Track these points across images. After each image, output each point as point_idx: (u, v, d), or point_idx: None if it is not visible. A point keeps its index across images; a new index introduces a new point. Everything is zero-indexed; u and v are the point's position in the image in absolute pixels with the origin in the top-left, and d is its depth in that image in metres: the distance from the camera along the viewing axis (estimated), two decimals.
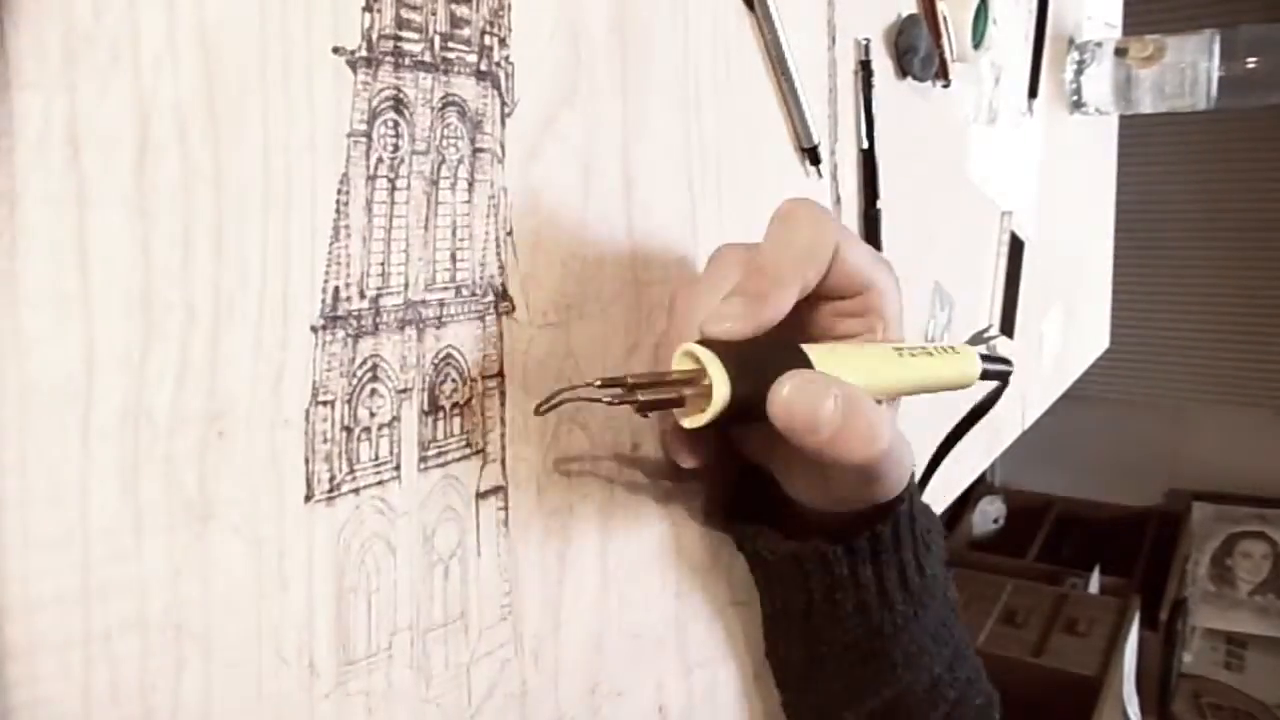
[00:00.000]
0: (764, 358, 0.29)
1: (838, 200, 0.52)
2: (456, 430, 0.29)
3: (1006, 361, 0.38)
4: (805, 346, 0.30)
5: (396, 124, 0.26)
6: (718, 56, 0.41)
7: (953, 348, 0.35)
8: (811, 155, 0.48)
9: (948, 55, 0.61)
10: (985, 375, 0.36)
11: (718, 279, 0.31)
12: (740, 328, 0.29)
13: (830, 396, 0.27)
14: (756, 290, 0.29)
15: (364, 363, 0.26)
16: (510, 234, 0.31)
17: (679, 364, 0.30)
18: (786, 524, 0.37)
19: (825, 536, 0.35)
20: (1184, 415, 2.71)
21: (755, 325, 0.29)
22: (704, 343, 0.29)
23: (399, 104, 0.26)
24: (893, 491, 0.32)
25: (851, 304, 0.33)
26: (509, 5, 0.30)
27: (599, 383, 0.28)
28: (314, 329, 0.24)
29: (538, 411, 0.29)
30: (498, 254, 0.30)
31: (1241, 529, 2.57)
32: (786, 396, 0.27)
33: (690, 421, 0.29)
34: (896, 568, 0.35)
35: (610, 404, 0.28)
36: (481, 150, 0.29)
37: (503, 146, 0.30)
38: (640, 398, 0.28)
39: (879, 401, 0.31)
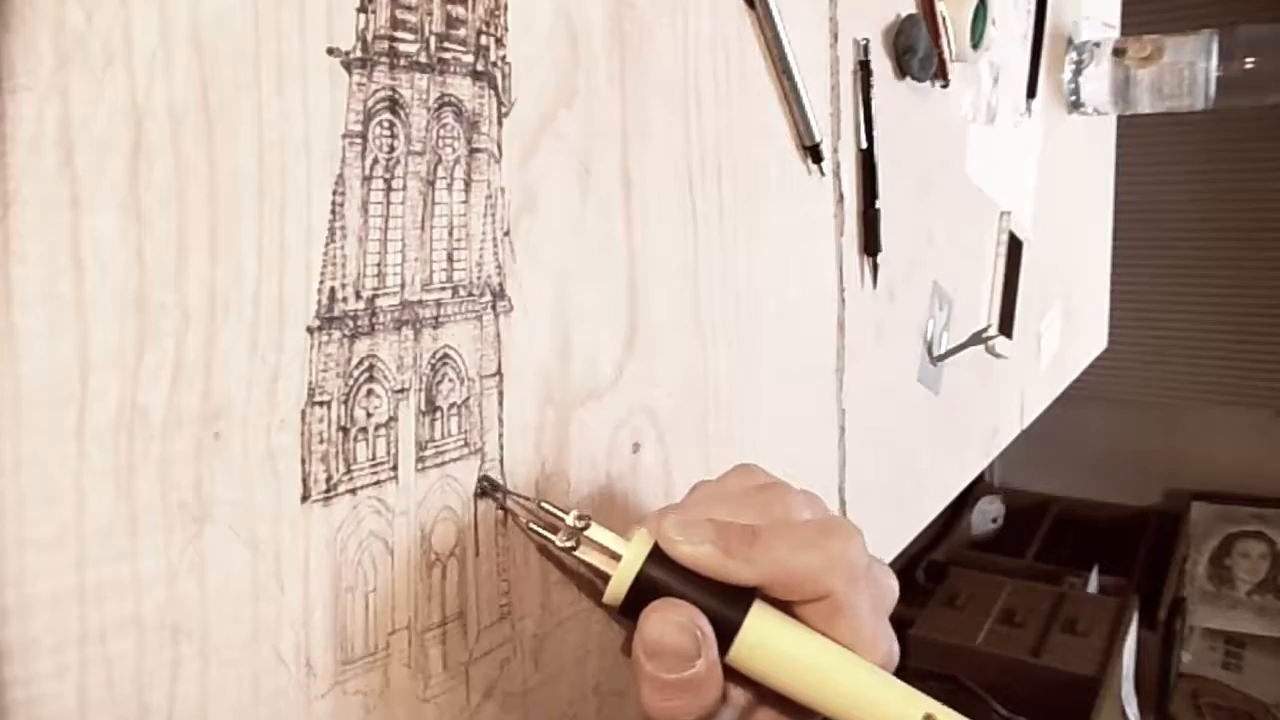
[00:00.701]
0: (700, 585, 0.27)
1: (840, 198, 0.52)
2: (454, 430, 0.29)
3: None
4: (760, 606, 0.28)
5: (392, 125, 0.26)
6: (718, 55, 0.41)
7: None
8: (813, 153, 0.48)
9: (947, 55, 0.61)
10: None
11: (733, 497, 0.30)
12: (687, 554, 0.27)
13: (691, 647, 0.26)
14: (730, 547, 0.27)
15: (360, 363, 0.26)
16: (508, 234, 0.31)
17: (637, 540, 0.28)
18: None
19: None
20: (1182, 415, 2.71)
21: (706, 564, 0.27)
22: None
23: (394, 105, 0.26)
24: None
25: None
26: (505, 5, 0.30)
27: (560, 510, 0.29)
28: (310, 330, 0.24)
29: (484, 481, 0.30)
30: (495, 254, 0.30)
31: (1240, 529, 2.57)
32: (655, 615, 0.27)
33: (606, 594, 0.28)
34: None
35: (535, 538, 0.30)
36: (478, 150, 0.29)
37: (500, 146, 0.30)
38: (575, 549, 0.29)
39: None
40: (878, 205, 0.54)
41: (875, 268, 0.56)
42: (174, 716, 0.22)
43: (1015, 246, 0.79)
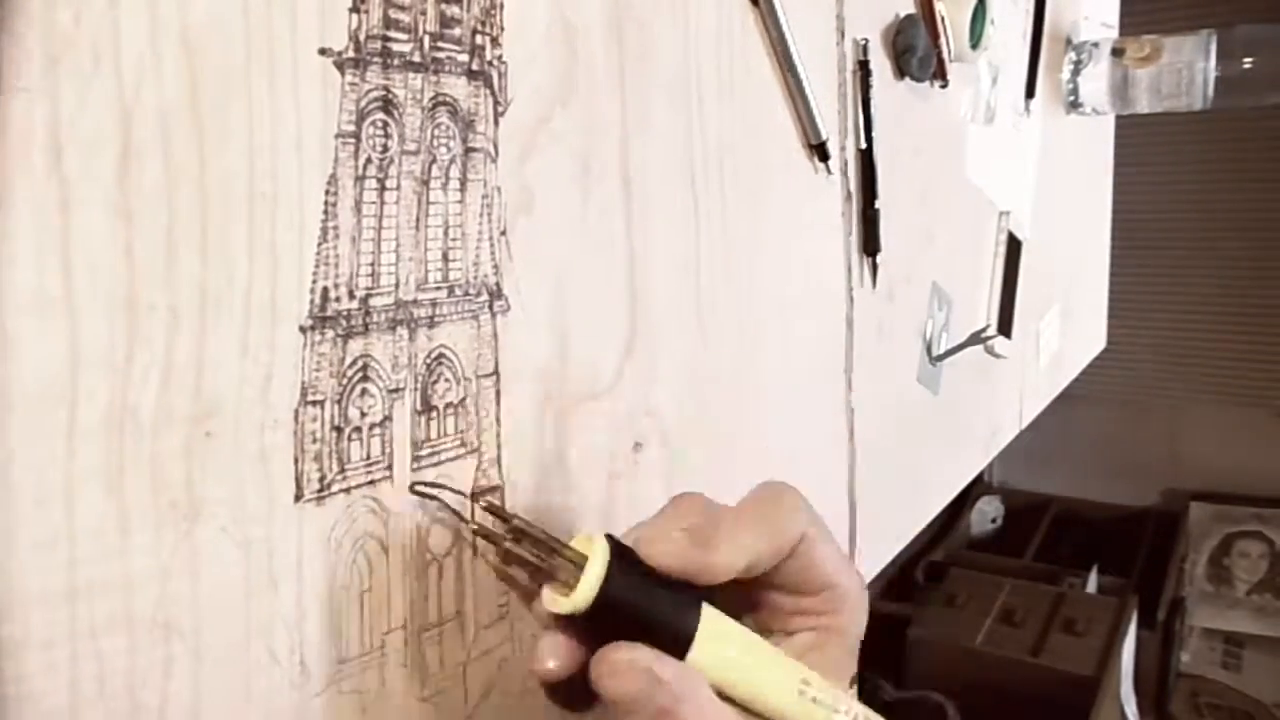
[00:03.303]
0: (658, 590, 0.26)
1: (849, 196, 0.52)
2: (450, 430, 0.29)
3: None
4: (710, 612, 0.27)
5: (385, 124, 0.26)
6: (720, 52, 0.41)
7: None
8: (819, 151, 0.48)
9: (945, 55, 0.61)
10: None
11: (675, 516, 0.28)
12: (672, 560, 0.26)
13: (650, 690, 0.25)
14: (705, 538, 0.26)
15: (354, 363, 0.26)
16: (504, 233, 0.31)
17: (579, 544, 0.27)
18: None
19: None
20: (1182, 415, 2.71)
21: (687, 567, 0.26)
22: (614, 542, 0.27)
23: (388, 104, 0.26)
24: None
25: (811, 602, 0.30)
26: (501, 4, 0.30)
27: (484, 504, 0.28)
28: (303, 329, 0.24)
29: (413, 490, 0.28)
30: (491, 253, 0.30)
31: (1239, 529, 2.57)
32: (611, 664, 0.26)
33: (550, 603, 0.26)
34: None
35: (475, 533, 0.28)
36: (474, 150, 0.29)
37: (496, 146, 0.30)
38: (510, 546, 0.26)
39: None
40: (877, 205, 0.54)
41: (875, 267, 0.56)
42: (167, 715, 0.22)
43: (1014, 246, 0.79)
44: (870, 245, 0.55)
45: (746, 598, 0.29)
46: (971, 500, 2.71)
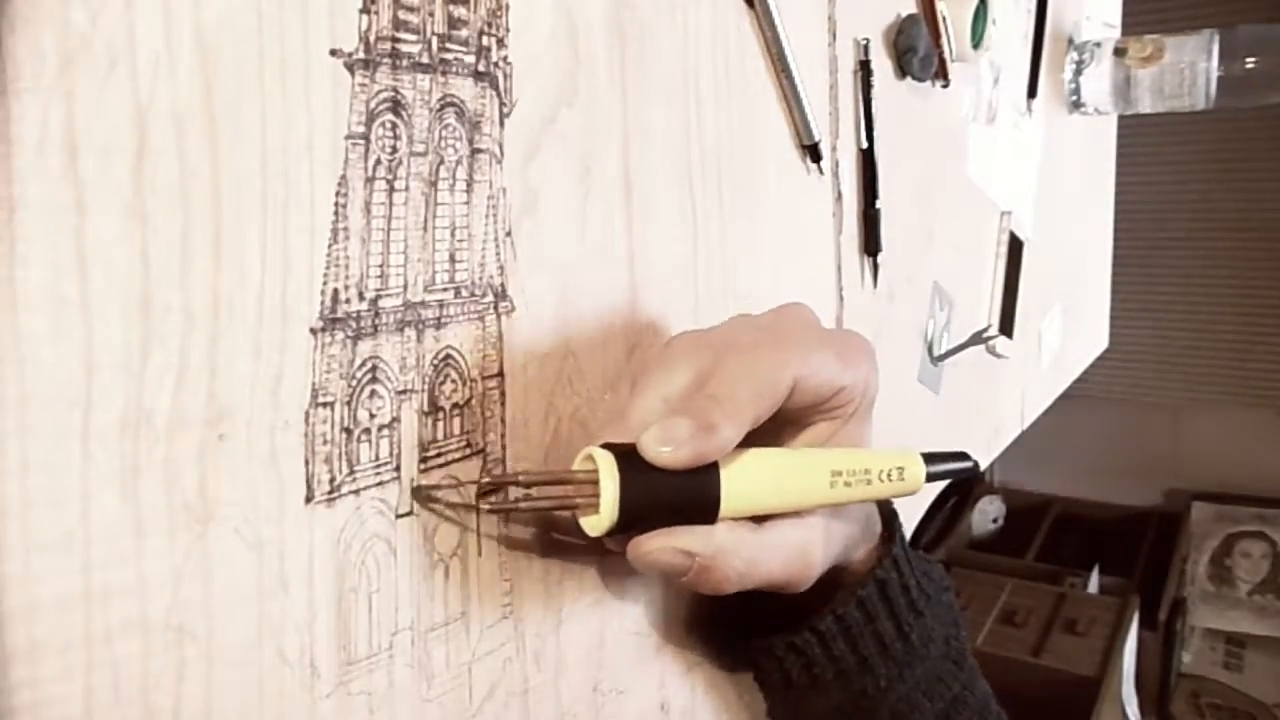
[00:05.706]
0: (672, 479, 0.28)
1: (839, 197, 0.52)
2: (457, 431, 0.29)
3: (965, 458, 0.36)
4: (725, 461, 0.29)
5: (394, 125, 0.26)
6: (717, 54, 0.41)
7: (900, 470, 0.33)
8: (812, 152, 0.48)
9: (947, 55, 0.61)
10: (936, 478, 0.35)
11: (668, 380, 0.30)
12: (680, 458, 0.27)
13: (686, 562, 0.29)
14: (706, 420, 0.27)
15: (363, 364, 0.26)
16: (509, 234, 0.31)
17: (580, 465, 0.29)
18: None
19: (804, 609, 0.35)
20: (1183, 415, 2.71)
21: (696, 457, 0.27)
22: (610, 446, 0.28)
23: (397, 105, 0.26)
24: (798, 587, 0.32)
25: (821, 405, 0.33)
26: (507, 5, 0.30)
27: (486, 480, 0.29)
28: (313, 331, 0.24)
29: (415, 496, 0.28)
30: (497, 254, 0.30)
31: (1241, 529, 2.57)
32: (644, 556, 0.29)
33: (589, 529, 0.29)
34: (873, 637, 0.35)
35: (489, 512, 0.29)
36: (480, 151, 0.29)
37: (501, 147, 0.30)
38: (525, 503, 0.29)
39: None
40: (878, 205, 0.54)
41: (875, 268, 0.56)
42: (179, 718, 0.22)
43: (1016, 246, 0.79)
44: (871, 245, 0.55)
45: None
46: (973, 500, 2.71)
